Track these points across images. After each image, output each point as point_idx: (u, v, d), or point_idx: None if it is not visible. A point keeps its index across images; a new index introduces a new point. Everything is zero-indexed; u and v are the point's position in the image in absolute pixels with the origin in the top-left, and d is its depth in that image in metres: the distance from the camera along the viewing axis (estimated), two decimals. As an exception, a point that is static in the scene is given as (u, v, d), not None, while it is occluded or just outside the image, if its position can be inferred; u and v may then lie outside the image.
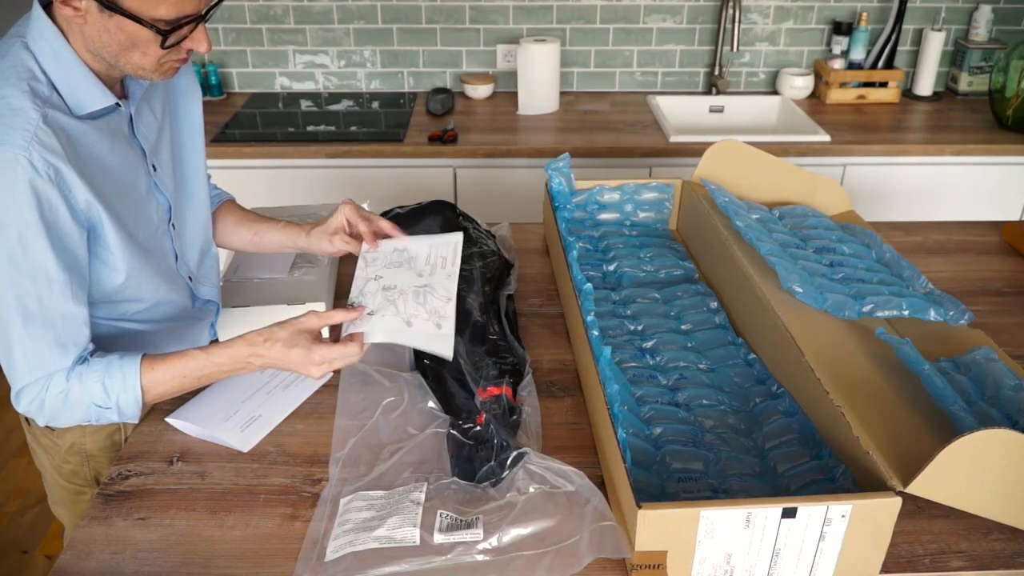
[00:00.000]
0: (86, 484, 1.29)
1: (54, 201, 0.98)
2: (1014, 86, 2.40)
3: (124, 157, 1.09)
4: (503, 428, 1.10)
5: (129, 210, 1.10)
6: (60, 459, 1.27)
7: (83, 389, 1.04)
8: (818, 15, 2.72)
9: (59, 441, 1.24)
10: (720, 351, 1.30)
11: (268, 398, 1.22)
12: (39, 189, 0.96)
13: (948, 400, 1.07)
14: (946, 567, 0.96)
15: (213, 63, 2.68)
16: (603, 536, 0.94)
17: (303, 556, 0.96)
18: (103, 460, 1.27)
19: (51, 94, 1.00)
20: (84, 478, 1.28)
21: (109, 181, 1.06)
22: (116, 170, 1.08)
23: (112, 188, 1.06)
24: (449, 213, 1.61)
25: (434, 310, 1.15)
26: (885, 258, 1.46)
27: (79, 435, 1.23)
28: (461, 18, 2.67)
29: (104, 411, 1.06)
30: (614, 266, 1.55)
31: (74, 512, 1.33)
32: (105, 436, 1.25)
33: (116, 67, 1.03)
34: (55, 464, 1.28)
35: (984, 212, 2.43)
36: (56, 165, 0.97)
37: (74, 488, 1.29)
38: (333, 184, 2.34)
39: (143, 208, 1.14)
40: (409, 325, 1.13)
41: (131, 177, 1.11)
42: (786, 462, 1.07)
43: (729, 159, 1.64)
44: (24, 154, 0.94)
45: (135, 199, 1.12)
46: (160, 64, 1.04)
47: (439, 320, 1.14)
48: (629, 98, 2.74)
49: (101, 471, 1.27)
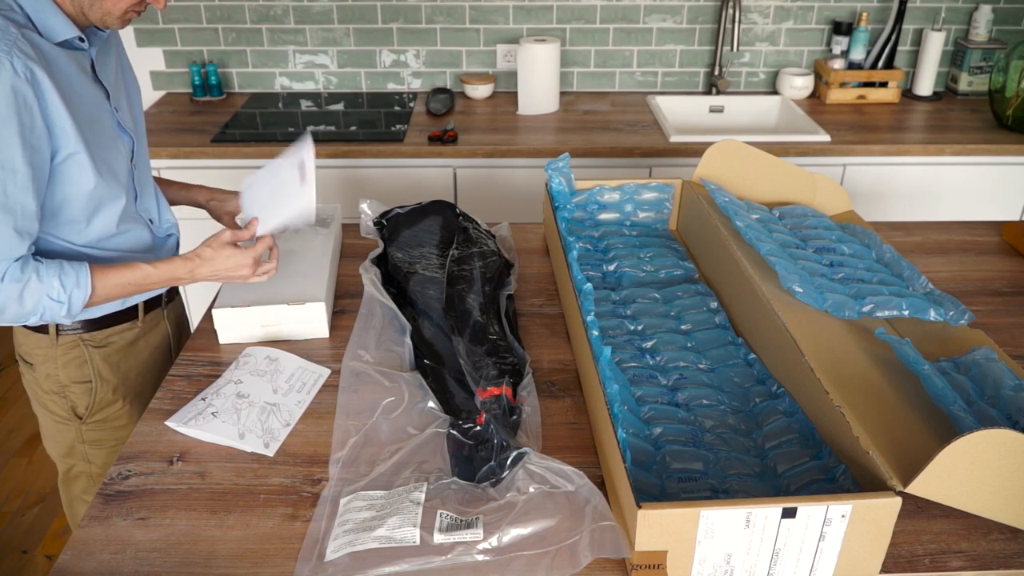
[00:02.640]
0: (67, 416, 1.41)
1: (29, 99, 1.10)
2: (1014, 86, 2.40)
3: (90, 91, 1.23)
4: (503, 428, 1.10)
5: (98, 135, 1.23)
6: (40, 392, 1.40)
7: (39, 282, 1.16)
8: (818, 15, 2.72)
9: (36, 374, 1.38)
10: (720, 351, 1.30)
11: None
12: (17, 88, 1.09)
13: (948, 400, 1.07)
14: (946, 567, 0.96)
15: (213, 63, 2.68)
16: (603, 536, 0.94)
17: (303, 556, 0.96)
18: (77, 392, 1.39)
19: (26, 22, 1.14)
20: (65, 409, 1.41)
21: (78, 102, 1.19)
22: (84, 98, 1.21)
23: (80, 109, 1.19)
24: (449, 213, 1.61)
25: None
26: (885, 258, 1.46)
27: (52, 367, 1.37)
28: (461, 18, 2.67)
29: (55, 304, 1.18)
30: (614, 266, 1.55)
31: (61, 444, 1.46)
32: (77, 366, 1.37)
33: (86, 11, 1.18)
34: (38, 397, 1.41)
35: (984, 212, 2.43)
36: (33, 69, 1.10)
37: (56, 419, 1.42)
38: (333, 184, 2.34)
39: (112, 140, 1.27)
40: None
41: (98, 110, 1.24)
42: (786, 462, 1.07)
43: (729, 159, 1.64)
44: (6, 57, 1.08)
45: (104, 128, 1.25)
46: (124, 13, 1.21)
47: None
48: (629, 98, 2.74)
49: (77, 403, 1.40)
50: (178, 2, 2.61)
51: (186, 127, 2.44)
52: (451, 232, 1.57)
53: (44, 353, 1.36)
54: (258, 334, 1.37)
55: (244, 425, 1.16)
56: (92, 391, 1.40)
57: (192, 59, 2.70)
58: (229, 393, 1.22)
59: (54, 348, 1.36)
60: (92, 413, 1.41)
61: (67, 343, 1.36)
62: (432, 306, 1.38)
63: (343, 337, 1.37)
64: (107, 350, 1.39)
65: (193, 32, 2.67)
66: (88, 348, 1.37)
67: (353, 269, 1.57)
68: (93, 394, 1.40)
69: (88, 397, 1.40)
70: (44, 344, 1.36)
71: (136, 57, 2.68)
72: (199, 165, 2.30)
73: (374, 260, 1.50)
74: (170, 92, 2.75)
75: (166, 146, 2.28)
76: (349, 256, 1.65)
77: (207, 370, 1.30)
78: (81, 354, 1.37)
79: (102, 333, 1.38)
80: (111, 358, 1.40)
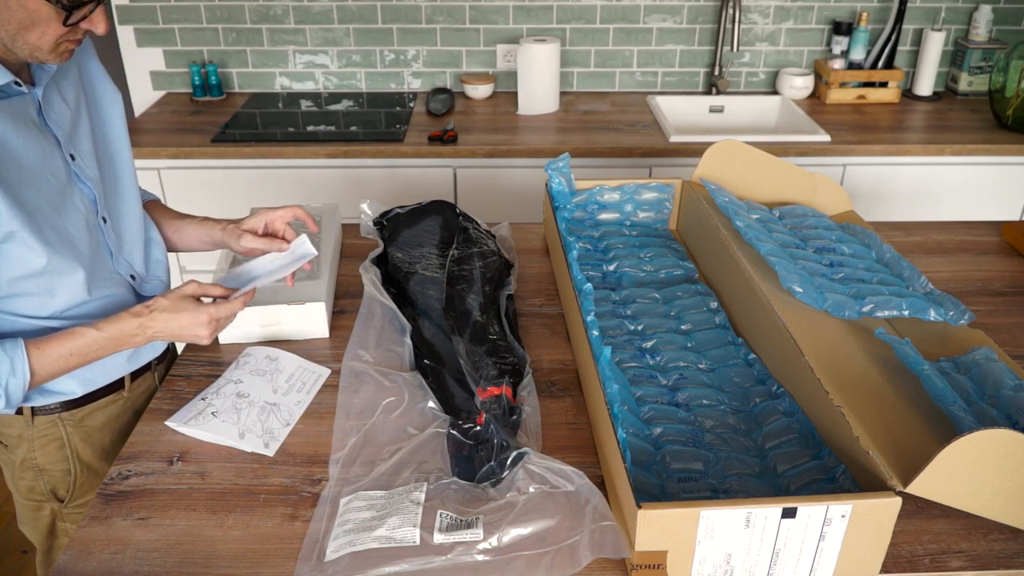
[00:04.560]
0: (44, 499, 1.28)
1: None
2: (1014, 86, 2.40)
3: (34, 143, 1.06)
4: (503, 428, 1.10)
5: (45, 198, 1.07)
6: (16, 475, 1.26)
7: None
8: (818, 15, 2.72)
9: (12, 456, 1.25)
10: (720, 351, 1.30)
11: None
12: None
13: (948, 400, 1.07)
14: (946, 567, 0.96)
15: (213, 63, 2.68)
16: (603, 536, 0.94)
17: (303, 556, 0.96)
18: (56, 475, 1.26)
19: None
20: (41, 492, 1.27)
21: (14, 164, 1.03)
22: (24, 154, 1.05)
23: (16, 171, 1.03)
24: (449, 213, 1.61)
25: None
26: (885, 258, 1.46)
27: (28, 450, 1.23)
28: (461, 18, 2.67)
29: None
30: (614, 266, 1.55)
31: (38, 528, 1.32)
32: (55, 449, 1.24)
33: (12, 48, 1.01)
34: (14, 480, 1.28)
35: (984, 212, 2.43)
36: None
37: (33, 504, 1.29)
38: (333, 184, 2.34)
39: (65, 197, 1.11)
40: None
41: (45, 164, 1.08)
42: (786, 462, 1.07)
43: (729, 159, 1.64)
44: None
45: (53, 188, 1.09)
46: (56, 45, 1.02)
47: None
48: (629, 98, 2.74)
49: (57, 486, 1.27)
50: (178, 2, 2.62)
51: (186, 127, 2.44)
52: (451, 232, 1.57)
53: (19, 434, 1.22)
54: (258, 334, 1.37)
55: (244, 425, 1.16)
56: (72, 476, 1.26)
57: (192, 59, 2.70)
58: (229, 393, 1.21)
59: (30, 429, 1.21)
60: (73, 498, 1.28)
61: (43, 423, 1.21)
62: (432, 306, 1.38)
63: (343, 337, 1.37)
64: (87, 429, 1.25)
65: (193, 32, 2.67)
66: (66, 428, 1.23)
67: (353, 269, 1.57)
68: (73, 479, 1.27)
69: (68, 481, 1.26)
70: (19, 425, 1.21)
71: (136, 57, 2.69)
72: (199, 165, 2.31)
73: (374, 260, 1.50)
74: (170, 92, 2.75)
75: (166, 146, 2.28)
76: (349, 256, 1.65)
77: (207, 370, 1.30)
78: (59, 435, 1.22)
79: (83, 410, 1.23)
80: (92, 437, 1.26)
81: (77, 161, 1.13)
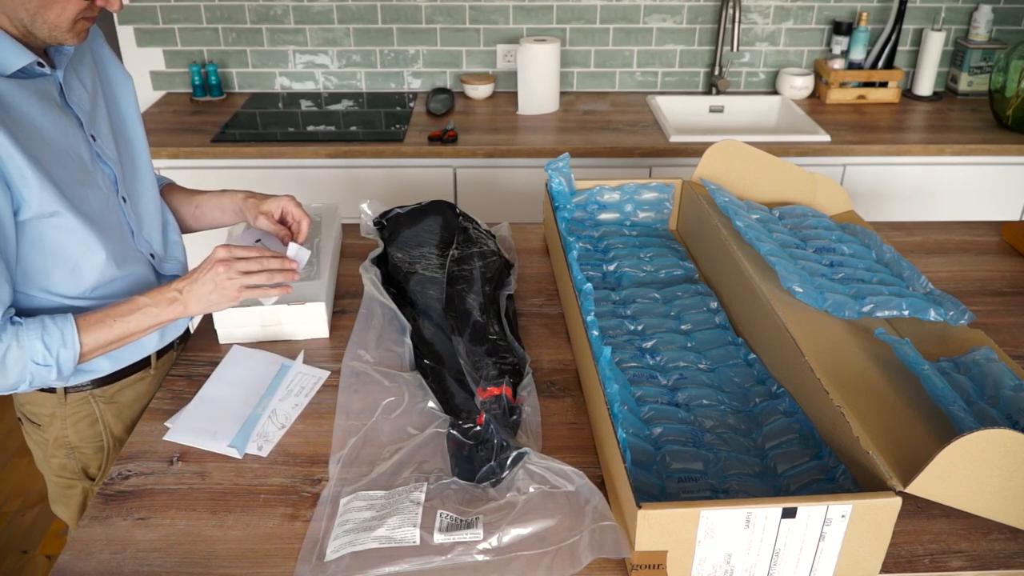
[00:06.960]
0: (75, 477, 1.31)
1: None
2: (1014, 86, 2.40)
3: (58, 123, 1.10)
4: (503, 428, 1.10)
5: (71, 176, 1.10)
6: (48, 453, 1.29)
7: (21, 348, 1.05)
8: (818, 15, 2.72)
9: (45, 435, 1.27)
10: (720, 351, 1.30)
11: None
12: None
13: (948, 400, 1.07)
14: (946, 567, 0.96)
15: (213, 63, 2.68)
16: (603, 536, 0.94)
17: (303, 556, 0.96)
18: (88, 452, 1.29)
19: None
20: (73, 471, 1.30)
21: (41, 142, 1.06)
22: (50, 133, 1.08)
23: (44, 149, 1.06)
24: (449, 213, 1.61)
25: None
26: (885, 258, 1.46)
27: (61, 428, 1.26)
28: (461, 18, 2.67)
29: (43, 369, 1.07)
30: (614, 266, 1.55)
31: (70, 507, 1.35)
32: (87, 425, 1.27)
33: (32, 29, 1.04)
34: (45, 459, 1.30)
35: (984, 212, 2.43)
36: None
37: (65, 482, 1.32)
38: (333, 184, 2.34)
39: (89, 176, 1.14)
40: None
41: (69, 143, 1.11)
42: (786, 462, 1.07)
43: (729, 159, 1.64)
44: None
45: (77, 166, 1.12)
46: (74, 24, 1.06)
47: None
48: (629, 98, 2.74)
49: (89, 464, 1.29)
50: (178, 2, 2.62)
51: (186, 127, 2.44)
52: (451, 232, 1.57)
53: (51, 413, 1.25)
54: (258, 334, 1.37)
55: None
56: (104, 451, 1.30)
57: (192, 59, 2.70)
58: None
59: (63, 407, 1.25)
60: (105, 474, 1.28)
61: (76, 400, 1.25)
62: (432, 306, 1.38)
63: (343, 337, 1.37)
64: (118, 405, 1.29)
65: (193, 32, 2.67)
66: (98, 404, 1.27)
67: (353, 269, 1.57)
68: (106, 455, 1.31)
69: (100, 457, 1.30)
70: (51, 403, 1.25)
71: (136, 57, 2.69)
72: (199, 165, 2.31)
73: (374, 260, 1.50)
74: (170, 92, 2.75)
75: (166, 146, 2.28)
76: (349, 256, 1.65)
77: (207, 370, 1.30)
78: (92, 412, 1.26)
79: (113, 387, 1.28)
80: (123, 413, 1.30)
81: (98, 142, 1.17)
